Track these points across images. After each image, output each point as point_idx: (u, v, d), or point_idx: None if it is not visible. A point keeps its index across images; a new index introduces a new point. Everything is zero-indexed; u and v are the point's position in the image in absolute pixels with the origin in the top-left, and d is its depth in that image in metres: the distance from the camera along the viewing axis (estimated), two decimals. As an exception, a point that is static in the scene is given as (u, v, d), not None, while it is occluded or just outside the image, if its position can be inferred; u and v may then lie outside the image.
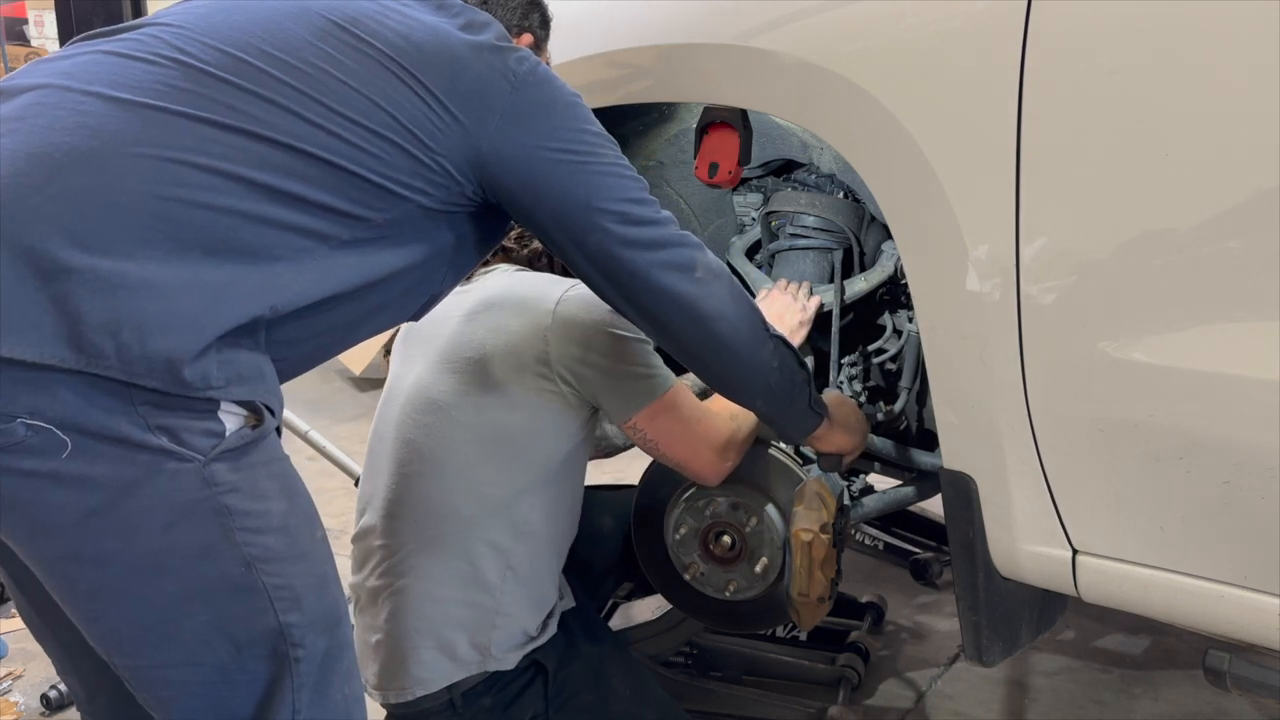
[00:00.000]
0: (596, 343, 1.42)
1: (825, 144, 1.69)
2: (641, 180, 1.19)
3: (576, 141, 1.14)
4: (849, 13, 1.31)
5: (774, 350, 1.28)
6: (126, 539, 0.92)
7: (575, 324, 1.42)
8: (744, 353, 1.25)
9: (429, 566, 1.45)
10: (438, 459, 1.46)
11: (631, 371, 1.43)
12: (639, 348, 1.45)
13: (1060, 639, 2.25)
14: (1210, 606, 1.18)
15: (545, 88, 1.15)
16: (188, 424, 0.92)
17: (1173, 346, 1.13)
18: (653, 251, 1.17)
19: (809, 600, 1.49)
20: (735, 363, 1.25)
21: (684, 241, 1.20)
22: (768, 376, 1.28)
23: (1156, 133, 1.10)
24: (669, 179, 2.02)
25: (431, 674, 1.45)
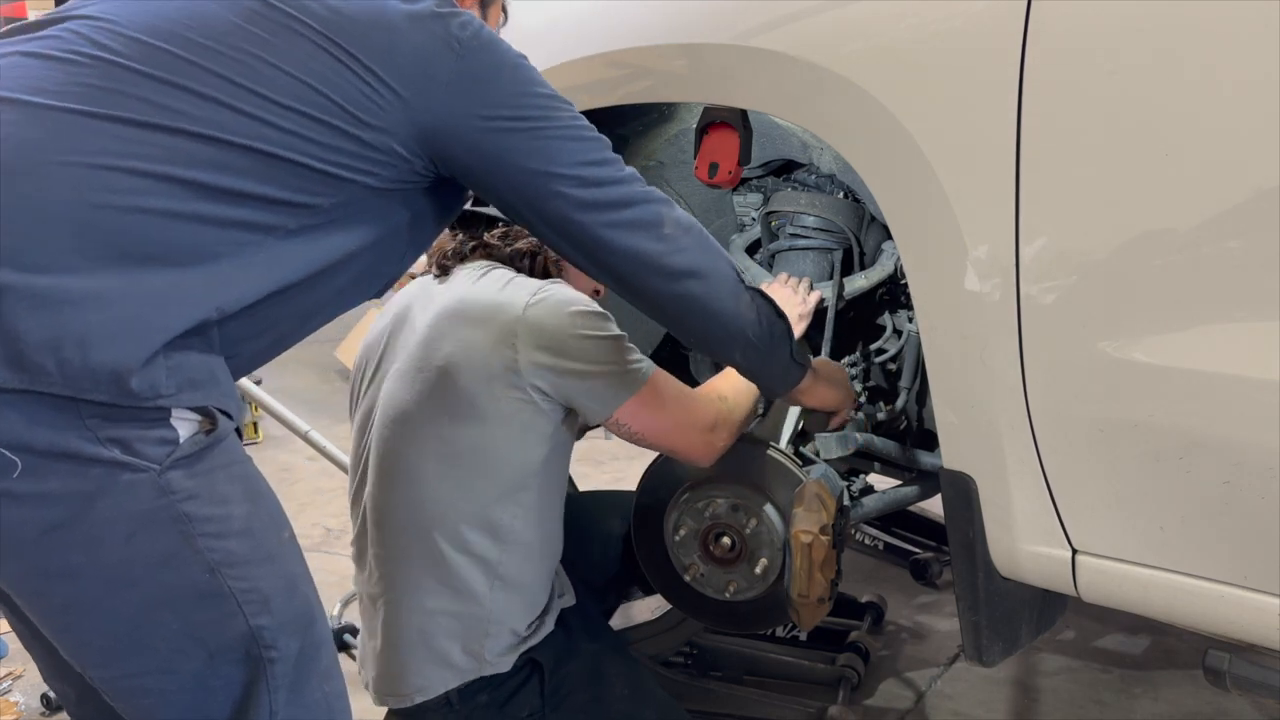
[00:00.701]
0: (566, 348, 1.40)
1: (825, 144, 1.70)
2: (600, 139, 1.15)
3: (528, 106, 1.09)
4: (849, 13, 1.31)
5: (750, 302, 1.25)
6: (90, 552, 0.91)
7: (542, 332, 1.39)
8: (719, 307, 1.22)
9: (417, 579, 1.45)
10: (415, 471, 1.44)
11: (604, 372, 1.41)
12: (610, 345, 1.42)
13: (1060, 639, 2.25)
14: (1210, 606, 1.18)
15: (490, 52, 1.08)
16: (139, 434, 0.90)
17: (1173, 346, 1.13)
18: (615, 211, 1.13)
19: (809, 601, 1.49)
20: (711, 318, 1.22)
21: (649, 198, 1.16)
22: (746, 330, 1.25)
23: (1156, 133, 1.10)
24: (669, 179, 2.02)
25: (428, 682, 1.45)
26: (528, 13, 1.84)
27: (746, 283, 1.26)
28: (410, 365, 1.46)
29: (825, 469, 1.59)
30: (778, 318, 1.31)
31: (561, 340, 1.40)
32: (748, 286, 1.26)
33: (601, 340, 1.41)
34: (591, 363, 1.40)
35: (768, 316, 1.28)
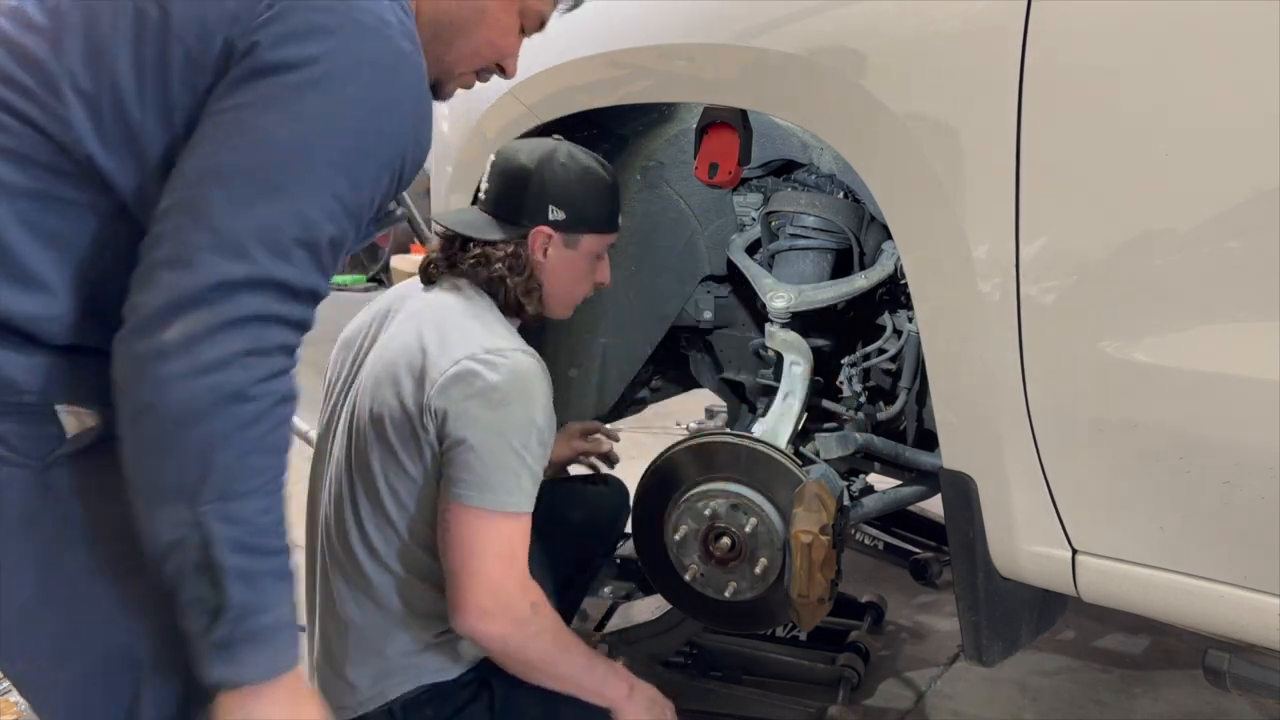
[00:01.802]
0: (471, 419, 1.34)
1: (825, 144, 1.69)
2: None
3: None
4: (849, 12, 1.31)
5: (190, 523, 0.85)
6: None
7: (468, 388, 1.34)
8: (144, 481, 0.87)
9: (364, 604, 1.44)
10: (369, 487, 1.43)
11: (479, 470, 1.33)
12: (507, 456, 1.34)
13: (1060, 639, 2.25)
14: (1210, 606, 1.18)
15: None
16: (19, 429, 0.88)
17: (1173, 346, 1.13)
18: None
19: (809, 601, 1.49)
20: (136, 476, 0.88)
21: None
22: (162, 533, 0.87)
23: (1156, 133, 1.10)
24: (669, 179, 2.02)
25: (369, 695, 1.44)
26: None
27: (202, 501, 0.85)
28: (369, 378, 1.45)
29: (825, 469, 1.59)
30: (216, 582, 0.86)
31: (475, 407, 1.34)
32: (203, 503, 0.84)
33: (501, 444, 1.34)
34: (477, 451, 1.33)
35: (197, 560, 0.86)
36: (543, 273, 1.52)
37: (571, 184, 1.51)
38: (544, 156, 1.51)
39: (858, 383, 1.75)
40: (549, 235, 1.50)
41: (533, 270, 1.50)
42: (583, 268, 1.56)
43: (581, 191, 1.51)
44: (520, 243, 1.49)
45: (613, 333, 2.13)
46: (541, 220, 1.49)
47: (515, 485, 1.36)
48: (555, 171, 1.50)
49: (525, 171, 1.50)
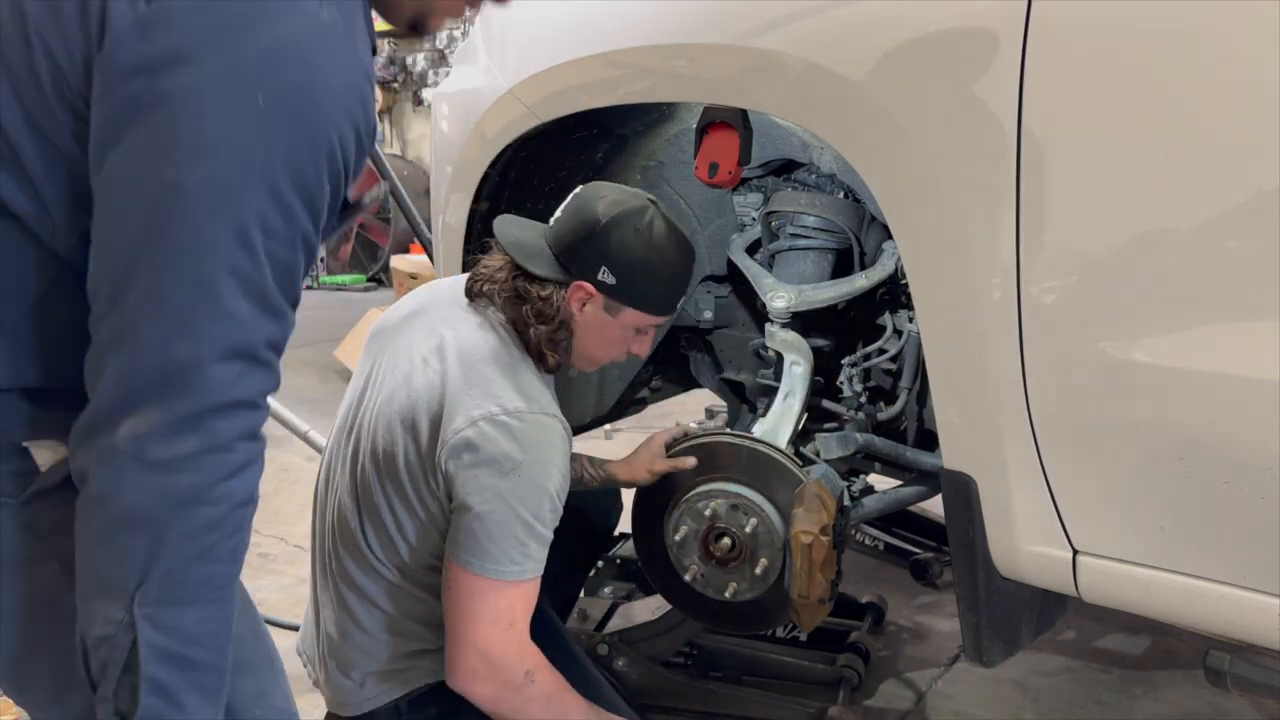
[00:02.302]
0: (477, 485, 1.31)
1: (825, 144, 1.69)
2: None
3: None
4: (849, 12, 1.31)
5: (122, 623, 0.80)
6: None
7: (476, 453, 1.31)
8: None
9: (368, 608, 1.44)
10: (374, 512, 1.42)
11: (479, 535, 1.32)
12: (510, 523, 1.31)
13: (1060, 639, 2.25)
14: (1210, 606, 1.18)
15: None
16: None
17: (1173, 346, 1.13)
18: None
19: (809, 601, 1.49)
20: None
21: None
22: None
23: (1156, 133, 1.10)
24: (669, 179, 2.02)
25: (374, 694, 1.45)
26: (528, 13, 1.84)
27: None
28: (387, 403, 1.42)
29: (825, 469, 1.59)
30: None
31: (482, 473, 1.31)
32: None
33: (505, 512, 1.31)
34: (479, 517, 1.31)
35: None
36: (575, 326, 1.44)
37: (635, 253, 1.41)
38: (622, 214, 1.41)
39: (858, 383, 1.75)
40: (591, 294, 1.41)
41: (563, 322, 1.42)
42: (617, 336, 1.47)
43: (643, 265, 1.41)
44: (560, 288, 1.41)
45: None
46: (590, 277, 1.41)
47: (521, 554, 1.33)
48: (625, 234, 1.40)
49: (595, 221, 1.40)
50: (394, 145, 8.95)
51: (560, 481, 1.36)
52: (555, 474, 1.35)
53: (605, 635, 1.98)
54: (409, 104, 8.83)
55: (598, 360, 1.52)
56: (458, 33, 8.29)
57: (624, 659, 1.94)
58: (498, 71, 1.85)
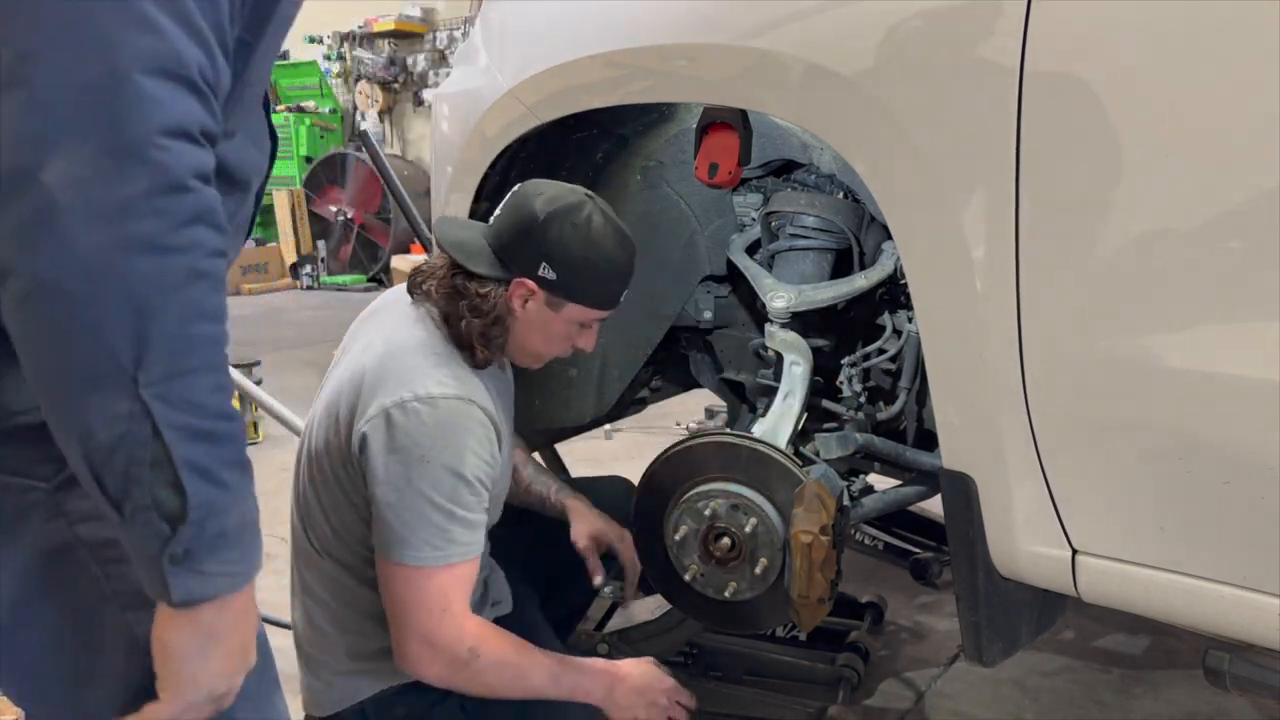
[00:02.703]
0: (389, 471, 1.32)
1: (825, 144, 1.70)
2: None
3: None
4: (849, 12, 1.31)
5: (132, 414, 0.69)
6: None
7: (389, 437, 1.32)
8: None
9: (320, 606, 1.45)
10: (312, 508, 1.44)
11: (394, 525, 1.32)
12: (423, 509, 1.32)
13: (1060, 639, 2.25)
14: (1210, 606, 1.18)
15: None
16: (25, 452, 0.78)
17: (1173, 346, 1.13)
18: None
19: (809, 601, 1.49)
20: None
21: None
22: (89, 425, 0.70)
23: (1156, 132, 1.10)
24: (669, 179, 2.02)
25: (340, 695, 1.45)
26: (528, 13, 1.84)
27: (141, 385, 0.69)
28: (325, 400, 1.45)
29: (825, 469, 1.59)
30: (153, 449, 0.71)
31: (394, 460, 1.32)
32: (140, 390, 0.69)
33: (416, 498, 1.32)
34: (393, 505, 1.32)
35: (136, 447, 0.70)
36: (514, 323, 1.45)
37: (574, 248, 1.42)
38: (559, 210, 1.42)
39: (858, 383, 1.75)
40: (532, 290, 1.43)
41: (499, 317, 1.43)
42: (560, 331, 1.49)
43: (583, 260, 1.43)
44: (500, 285, 1.43)
45: (613, 333, 2.13)
46: (530, 273, 1.42)
47: (442, 539, 1.33)
48: (564, 230, 1.41)
49: (533, 218, 1.42)
50: (394, 145, 8.96)
51: (478, 464, 1.35)
52: (470, 457, 1.34)
53: (605, 635, 1.98)
54: (409, 104, 8.83)
55: (541, 355, 1.54)
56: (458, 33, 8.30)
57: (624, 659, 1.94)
58: (498, 72, 1.85)
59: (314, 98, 8.96)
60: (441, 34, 8.53)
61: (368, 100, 8.79)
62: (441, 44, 8.53)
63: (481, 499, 1.37)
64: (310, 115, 8.74)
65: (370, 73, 8.73)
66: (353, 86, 8.95)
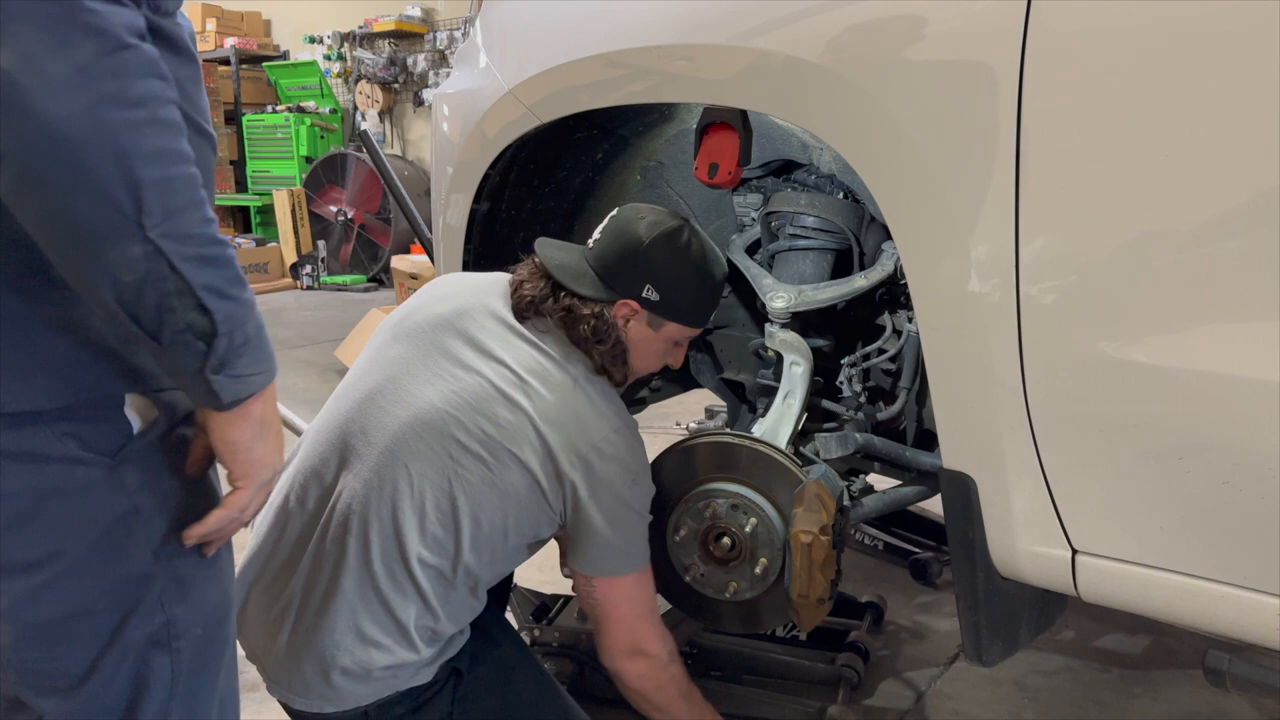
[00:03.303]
0: (606, 504, 1.44)
1: (825, 144, 1.70)
2: None
3: None
4: (849, 13, 1.31)
5: (147, 254, 0.78)
6: (48, 546, 0.88)
7: (596, 477, 1.43)
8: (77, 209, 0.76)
9: (370, 602, 1.40)
10: (411, 500, 1.40)
11: (617, 545, 1.47)
12: (637, 524, 1.49)
13: (1060, 639, 2.25)
14: (1210, 606, 1.18)
15: None
16: (92, 427, 0.87)
17: (1173, 346, 1.13)
18: None
19: (809, 601, 1.49)
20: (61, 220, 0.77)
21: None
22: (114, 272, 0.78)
23: (1156, 133, 1.10)
24: (669, 179, 2.02)
25: (343, 696, 1.42)
26: (528, 13, 1.84)
27: (148, 228, 0.77)
28: (468, 408, 1.43)
29: (825, 469, 1.59)
30: (184, 295, 0.80)
31: (604, 494, 1.44)
32: (147, 232, 0.77)
33: (635, 517, 1.48)
34: (616, 530, 1.46)
35: (160, 286, 0.79)
36: (625, 343, 1.54)
37: (677, 272, 1.52)
38: (663, 234, 1.51)
39: (858, 383, 1.75)
40: (635, 310, 1.51)
41: (618, 339, 1.52)
42: (658, 349, 1.58)
43: (685, 282, 1.53)
44: (606, 306, 1.50)
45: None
46: (634, 295, 1.51)
47: (644, 543, 1.51)
48: (667, 254, 1.51)
49: (638, 242, 1.51)
50: (394, 146, 8.96)
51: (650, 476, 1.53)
52: (649, 470, 1.52)
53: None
54: (409, 105, 8.83)
55: (639, 373, 1.62)
56: (458, 33, 8.30)
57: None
58: (498, 72, 1.85)
59: (314, 98, 8.96)
60: (441, 34, 8.53)
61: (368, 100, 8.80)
62: (441, 44, 8.52)
63: None
64: (310, 115, 8.74)
65: (370, 73, 8.73)
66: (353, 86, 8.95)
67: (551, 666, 2.00)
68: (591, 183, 2.06)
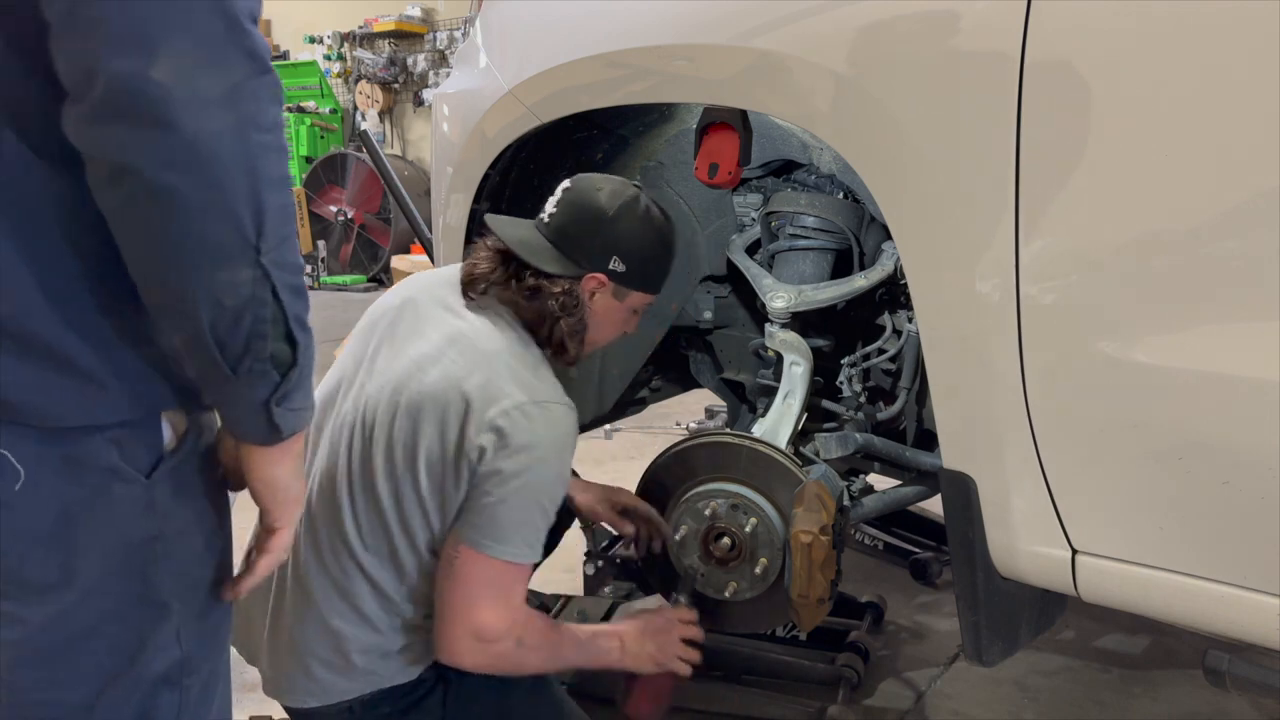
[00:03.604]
0: (505, 477, 1.34)
1: (825, 144, 1.70)
2: None
3: None
4: (849, 13, 1.31)
5: (255, 279, 0.77)
6: (70, 564, 0.84)
7: (508, 446, 1.34)
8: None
9: (327, 592, 1.42)
10: (347, 491, 1.41)
11: (499, 520, 1.35)
12: (530, 509, 1.36)
13: (1060, 639, 2.26)
14: (1210, 606, 1.18)
15: None
16: (131, 441, 0.84)
17: (1173, 346, 1.13)
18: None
19: (809, 601, 1.49)
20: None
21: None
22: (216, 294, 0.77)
23: (1156, 133, 1.10)
24: (669, 179, 2.02)
25: (326, 690, 1.43)
26: (528, 13, 1.84)
27: (262, 250, 0.77)
28: (392, 396, 1.41)
29: (825, 469, 1.59)
30: (282, 332, 0.81)
31: (511, 465, 1.34)
32: (261, 256, 0.77)
33: (527, 499, 1.36)
34: (501, 504, 1.34)
35: (260, 315, 0.79)
36: (588, 316, 1.50)
37: (643, 241, 1.48)
38: (625, 204, 1.47)
39: (858, 383, 1.76)
40: (602, 282, 1.47)
41: (583, 315, 1.48)
42: (621, 319, 1.55)
43: (650, 250, 1.50)
44: (574, 282, 1.46)
45: (613, 333, 2.13)
46: (602, 268, 1.46)
47: (534, 539, 1.38)
48: (633, 224, 1.47)
49: (601, 214, 1.46)
50: (394, 146, 8.96)
51: (569, 468, 1.43)
52: (569, 463, 1.41)
53: (605, 635, 1.98)
54: (409, 105, 8.84)
55: (598, 344, 1.57)
56: (458, 33, 8.30)
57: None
58: (498, 72, 1.85)
59: (314, 98, 8.96)
60: (441, 34, 8.54)
61: (368, 100, 8.80)
62: (441, 44, 8.53)
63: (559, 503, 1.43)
64: (310, 115, 8.74)
65: (370, 73, 8.73)
66: (353, 86, 8.95)
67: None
68: (591, 183, 2.06)
